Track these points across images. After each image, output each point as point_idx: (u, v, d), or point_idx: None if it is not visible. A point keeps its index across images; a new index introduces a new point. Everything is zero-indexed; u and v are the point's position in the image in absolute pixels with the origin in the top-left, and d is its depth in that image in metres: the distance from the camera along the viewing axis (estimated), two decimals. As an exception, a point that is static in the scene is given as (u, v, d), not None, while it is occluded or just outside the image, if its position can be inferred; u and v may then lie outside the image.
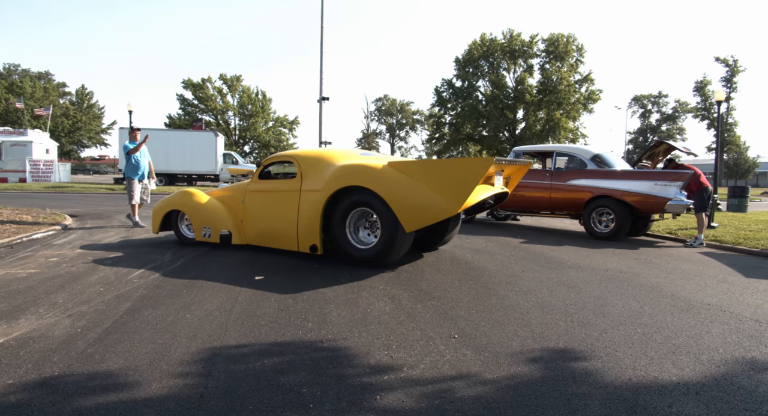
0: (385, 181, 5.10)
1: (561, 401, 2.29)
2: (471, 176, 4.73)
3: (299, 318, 3.52)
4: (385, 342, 3.04)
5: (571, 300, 4.15)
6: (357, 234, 5.52)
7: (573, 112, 41.87)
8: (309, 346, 2.97)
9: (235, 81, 50.14)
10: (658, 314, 3.79)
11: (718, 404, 2.28)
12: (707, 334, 3.32)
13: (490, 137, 43.63)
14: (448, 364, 2.70)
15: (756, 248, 7.30)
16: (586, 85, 42.41)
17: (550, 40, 42.19)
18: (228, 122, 50.00)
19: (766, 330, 3.46)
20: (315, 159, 6.04)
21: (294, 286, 4.47)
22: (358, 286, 4.51)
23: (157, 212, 7.23)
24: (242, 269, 5.23)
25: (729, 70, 47.26)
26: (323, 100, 24.13)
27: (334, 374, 2.56)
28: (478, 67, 43.96)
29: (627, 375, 2.59)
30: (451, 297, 4.17)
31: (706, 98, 50.47)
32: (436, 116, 46.77)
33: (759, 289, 4.76)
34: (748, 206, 15.60)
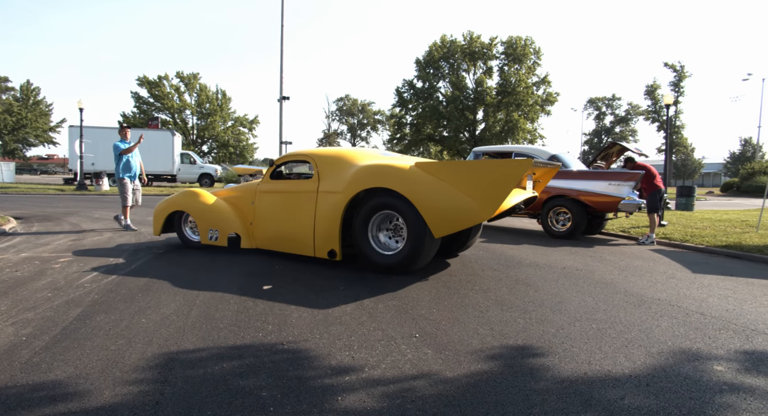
0: (412, 182, 4.77)
1: (520, 397, 2.33)
2: (508, 179, 4.40)
3: (259, 320, 3.46)
4: (347, 343, 3.03)
5: (529, 298, 4.24)
6: (379, 239, 5.20)
7: (531, 113, 42.90)
8: (269, 348, 2.92)
9: (193, 79, 48.90)
10: (612, 309, 3.91)
11: (667, 394, 2.38)
12: (657, 328, 3.45)
13: (451, 137, 44.18)
14: (410, 363, 2.71)
15: (701, 245, 7.65)
16: (543, 87, 43.55)
17: (509, 42, 43.11)
18: (185, 121, 48.74)
19: (710, 322, 3.63)
20: (334, 158, 5.70)
21: (253, 289, 4.39)
22: (320, 287, 4.48)
23: (160, 213, 6.85)
24: (199, 271, 5.11)
25: (677, 75, 49.45)
26: (284, 99, 23.89)
27: (294, 376, 2.53)
28: (439, 68, 44.49)
29: (583, 370, 2.67)
30: (412, 297, 4.20)
31: (656, 102, 52.65)
32: (398, 116, 47.02)
33: (704, 284, 4.99)
34: (694, 205, 16.34)
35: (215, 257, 5.89)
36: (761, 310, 4.03)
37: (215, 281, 4.62)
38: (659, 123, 53.05)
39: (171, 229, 6.94)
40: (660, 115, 52.71)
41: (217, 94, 50.09)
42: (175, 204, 6.73)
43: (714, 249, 7.33)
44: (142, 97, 46.87)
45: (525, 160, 4.43)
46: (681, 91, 49.50)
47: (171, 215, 6.82)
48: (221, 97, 50.24)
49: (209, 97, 49.29)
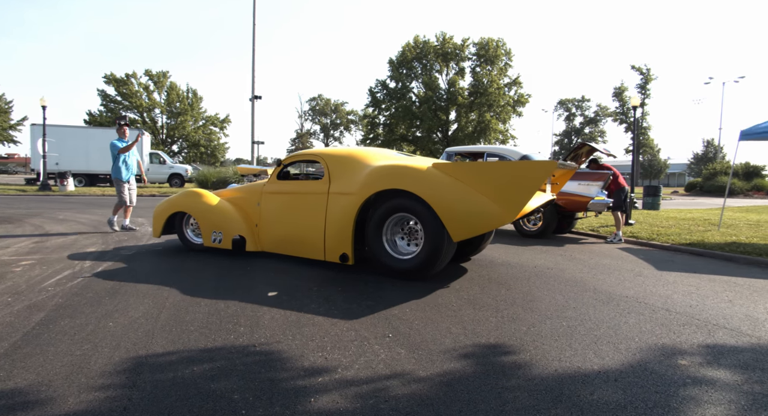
0: (430, 184, 4.56)
1: (492, 395, 2.35)
2: (532, 181, 4.21)
3: (231, 322, 3.41)
4: (320, 344, 3.01)
5: (501, 296, 4.28)
6: (394, 243, 5.00)
7: (503, 114, 43.47)
8: (241, 351, 2.88)
9: (162, 77, 47.89)
10: (582, 307, 3.99)
11: (634, 389, 2.44)
12: (625, 324, 3.54)
13: (424, 137, 44.43)
14: (383, 363, 2.71)
15: (667, 243, 7.87)
16: (515, 88, 44.17)
17: (481, 44, 43.60)
18: (155, 120, 47.72)
19: (674, 318, 3.73)
20: (346, 159, 5.49)
21: (225, 290, 4.33)
22: (292, 288, 4.44)
23: (160, 214, 6.60)
24: (169, 273, 5.00)
25: (643, 78, 50.73)
26: (255, 98, 23.64)
27: (267, 378, 2.50)
28: (412, 68, 44.70)
29: (553, 367, 2.71)
30: (385, 297, 4.20)
31: (624, 103, 53.89)
32: (371, 116, 47.04)
33: (669, 281, 5.13)
34: (660, 204, 16.79)
35: (185, 259, 5.78)
36: (722, 306, 4.16)
37: (186, 283, 4.54)
38: (627, 124, 54.32)
39: (170, 231, 6.70)
40: (627, 116, 53.97)
41: (188, 93, 49.23)
42: (177, 205, 6.48)
43: (678, 247, 7.55)
44: (109, 95, 45.66)
45: (551, 161, 4.27)
46: (647, 94, 50.82)
47: (172, 216, 6.57)
48: (192, 96, 49.39)
49: (179, 95, 48.40)
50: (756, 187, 35.15)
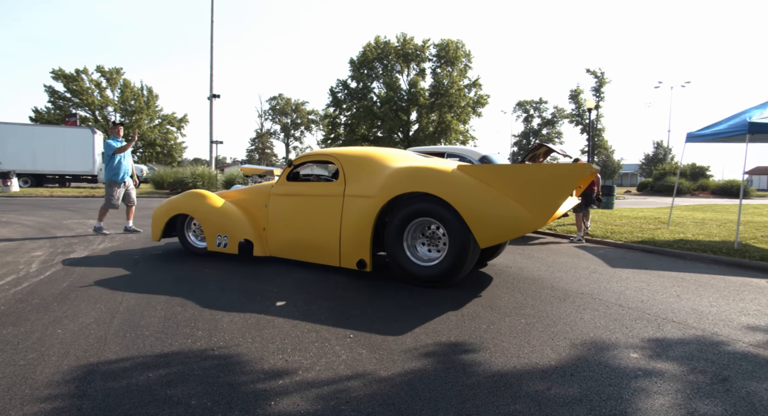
0: (456, 187, 4.34)
1: (453, 392, 2.38)
2: (565, 185, 4.02)
3: (188, 326, 3.33)
4: (280, 346, 2.97)
5: (460, 295, 4.34)
6: (415, 249, 4.74)
7: (463, 115, 44.03)
8: (199, 355, 2.81)
9: (115, 74, 46.20)
10: (540, 304, 4.08)
11: (588, 382, 2.51)
12: (580, 320, 3.64)
13: (385, 138, 44.50)
14: (344, 364, 2.70)
15: (620, 241, 8.16)
16: (474, 89, 44.80)
17: (441, 45, 44.05)
18: (108, 119, 46.03)
19: (627, 313, 3.86)
20: (363, 159, 5.21)
21: (183, 294, 4.22)
22: (251, 290, 4.37)
23: (160, 217, 6.29)
24: (122, 277, 4.84)
25: (598, 81, 52.43)
26: (214, 97, 23.18)
27: (225, 382, 2.45)
28: (373, 68, 44.73)
29: (512, 363, 2.76)
30: (347, 297, 4.18)
31: (580, 105, 55.56)
32: (331, 116, 46.79)
33: (622, 277, 5.31)
34: (614, 203, 17.39)
35: (139, 262, 5.60)
36: (671, 300, 4.34)
37: (140, 287, 4.39)
38: (582, 126, 56.05)
39: (168, 233, 6.43)
40: (583, 118, 55.68)
41: (143, 91, 47.70)
42: (178, 207, 6.17)
43: (631, 245, 7.83)
44: (58, 91, 43.67)
45: (585, 164, 4.09)
46: (602, 97, 52.55)
47: (173, 219, 6.27)
48: (147, 94, 47.87)
49: (134, 93, 46.84)
50: (701, 187, 36.89)
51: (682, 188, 35.06)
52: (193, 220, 6.29)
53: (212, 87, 23.31)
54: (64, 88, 43.64)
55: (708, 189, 36.50)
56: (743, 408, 2.27)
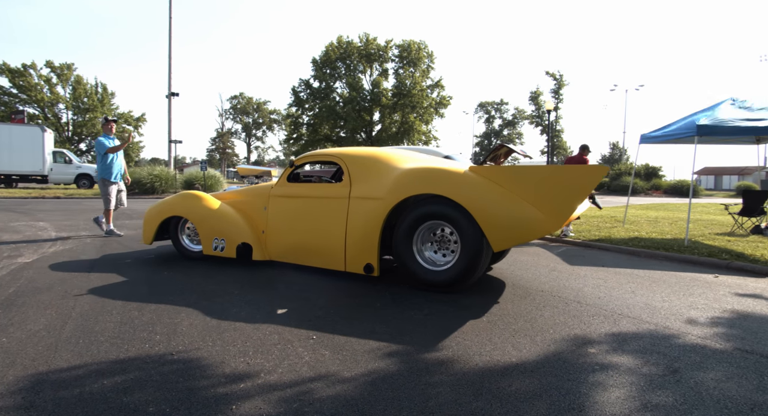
0: (469, 189, 4.19)
1: (416, 391, 2.39)
2: (582, 187, 3.91)
3: (146, 330, 3.23)
4: (241, 349, 2.92)
5: (424, 295, 4.36)
6: (423, 253, 4.57)
7: (426, 115, 44.36)
8: (157, 360, 2.73)
9: (66, 70, 44.36)
10: (501, 302, 4.15)
11: (549, 378, 2.57)
12: (540, 317, 3.72)
13: (348, 138, 44.39)
14: (307, 366, 2.68)
15: (578, 239, 8.38)
16: (437, 90, 45.21)
17: (403, 46, 44.25)
18: (59, 116, 44.17)
19: (585, 309, 3.98)
20: (369, 160, 5.03)
21: (140, 297, 4.09)
22: (212, 292, 4.28)
23: (152, 219, 6.00)
24: (73, 280, 4.65)
25: (556, 83, 53.89)
26: (173, 95, 22.62)
27: (185, 387, 2.39)
28: (336, 68, 44.55)
29: (474, 361, 2.79)
30: (309, 298, 4.15)
31: (539, 107, 56.96)
32: (294, 116, 46.33)
33: (580, 275, 5.46)
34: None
35: (94, 266, 5.40)
36: (626, 296, 4.49)
37: (95, 292, 4.24)
38: (542, 127, 57.42)
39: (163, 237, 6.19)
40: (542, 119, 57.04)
41: (97, 88, 45.99)
42: (172, 209, 5.91)
43: (589, 243, 8.06)
44: (2, 87, 41.53)
45: (603, 166, 3.96)
46: (560, 98, 54.04)
47: (166, 221, 6.01)
48: (102, 91, 46.18)
49: (87, 90, 45.09)
50: (654, 186, 38.36)
51: (636, 187, 36.32)
52: (187, 222, 6.06)
53: (171, 85, 22.75)
54: (10, 83, 41.53)
55: (661, 189, 37.96)
56: (692, 397, 2.37)
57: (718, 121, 7.94)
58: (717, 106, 8.67)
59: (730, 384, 2.55)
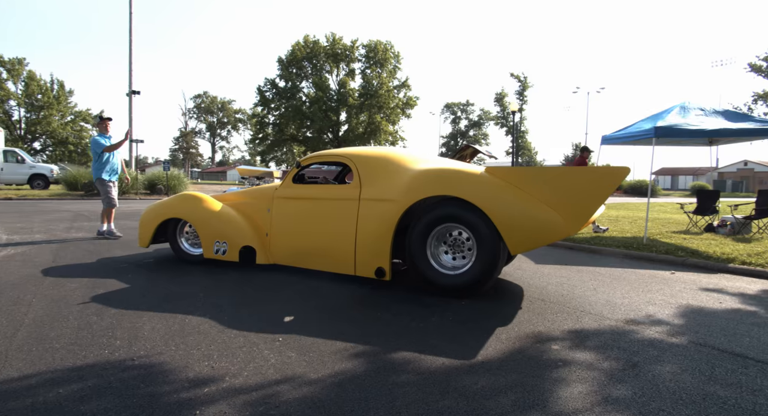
0: (487, 191, 4.07)
1: (383, 391, 2.39)
2: (603, 189, 3.83)
3: (105, 335, 3.13)
4: (206, 352, 2.86)
5: (390, 295, 4.38)
6: (438, 257, 4.44)
7: (393, 116, 44.53)
8: (117, 366, 2.65)
9: (18, 65, 42.59)
10: (467, 301, 4.19)
11: (513, 375, 2.61)
12: (505, 315, 3.78)
13: (314, 138, 44.16)
14: (273, 368, 2.64)
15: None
16: (404, 91, 45.45)
17: (370, 46, 44.32)
18: (9, 114, 42.35)
19: (549, 307, 4.06)
20: (379, 160, 4.88)
21: (98, 300, 3.96)
22: (176, 296, 4.18)
23: (150, 221, 5.78)
24: (26, 285, 4.46)
25: (521, 85, 54.94)
26: (133, 93, 22.01)
27: (146, 393, 2.33)
28: (302, 68, 44.26)
29: (441, 360, 2.81)
30: (276, 300, 4.11)
31: (504, 108, 57.94)
32: (259, 115, 45.80)
33: (545, 273, 5.57)
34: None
35: (50, 269, 5.20)
36: (588, 293, 4.61)
37: (50, 297, 4.08)
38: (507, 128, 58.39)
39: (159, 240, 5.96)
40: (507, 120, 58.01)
41: (53, 85, 44.34)
42: (170, 211, 5.69)
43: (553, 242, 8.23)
44: (-54, 81, 39.67)
45: (624, 167, 3.84)
46: (525, 100, 55.11)
47: (164, 223, 5.79)
48: (58, 88, 44.57)
49: (42, 87, 43.41)
50: (615, 186, 39.41)
51: (597, 187, 37.21)
52: (186, 225, 5.86)
53: (131, 83, 22.13)
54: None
55: (621, 188, 39.12)
56: (650, 390, 2.44)
57: (674, 123, 8.24)
58: (673, 109, 9.00)
59: (685, 375, 2.65)
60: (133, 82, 22.14)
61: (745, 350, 3.10)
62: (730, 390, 2.47)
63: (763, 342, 3.27)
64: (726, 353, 3.03)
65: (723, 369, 2.77)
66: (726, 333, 3.45)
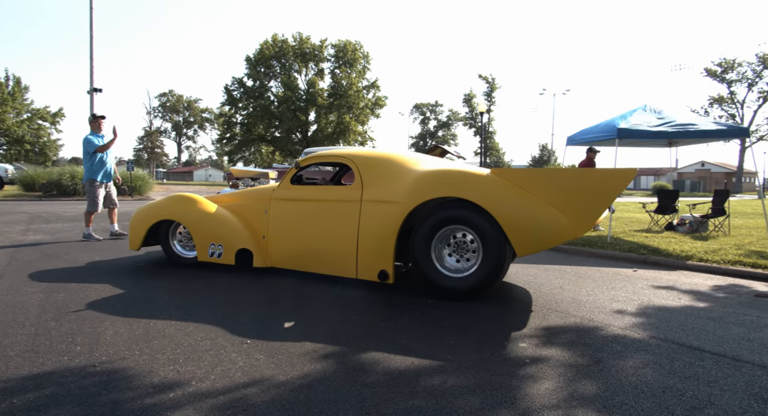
0: (493, 192, 4.02)
1: (352, 392, 2.38)
2: (610, 191, 3.83)
3: (64, 341, 3.02)
4: (171, 357, 2.80)
5: (361, 296, 4.37)
6: (443, 259, 4.35)
7: (362, 116, 44.49)
8: (77, 373, 2.56)
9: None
10: (435, 301, 4.22)
11: (481, 373, 2.63)
12: (473, 315, 3.82)
13: (283, 138, 43.75)
14: (241, 371, 2.60)
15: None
16: (373, 91, 45.47)
17: (339, 46, 44.17)
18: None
19: (516, 305, 4.13)
20: (382, 161, 4.79)
21: (59, 305, 3.82)
22: (140, 299, 4.08)
23: (141, 223, 5.58)
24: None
25: (489, 86, 55.71)
26: (95, 91, 21.35)
27: (108, 400, 2.25)
28: (270, 67, 43.79)
29: (410, 360, 2.82)
30: (243, 302, 4.05)
31: (473, 109, 58.68)
32: (227, 115, 45.08)
33: (511, 272, 5.65)
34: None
35: (3, 272, 4.99)
36: (554, 292, 4.70)
37: (2, 302, 3.91)
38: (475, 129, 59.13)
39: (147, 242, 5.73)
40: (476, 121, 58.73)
41: (7, 81, 42.54)
42: (163, 212, 5.51)
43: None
44: None
45: (632, 169, 3.84)
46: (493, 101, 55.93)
47: (156, 225, 5.60)
48: (13, 84, 42.74)
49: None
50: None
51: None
52: (179, 227, 5.68)
53: (93, 80, 21.44)
54: None
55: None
56: (613, 384, 2.51)
57: (636, 125, 8.50)
58: (634, 111, 9.27)
59: (647, 370, 2.72)
60: (94, 79, 21.47)
61: (702, 343, 3.21)
62: (688, 383, 2.56)
63: (719, 335, 3.40)
64: (684, 347, 3.14)
65: (682, 362, 2.86)
66: (684, 327, 3.57)
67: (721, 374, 2.70)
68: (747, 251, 6.83)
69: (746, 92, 50.15)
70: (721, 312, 4.05)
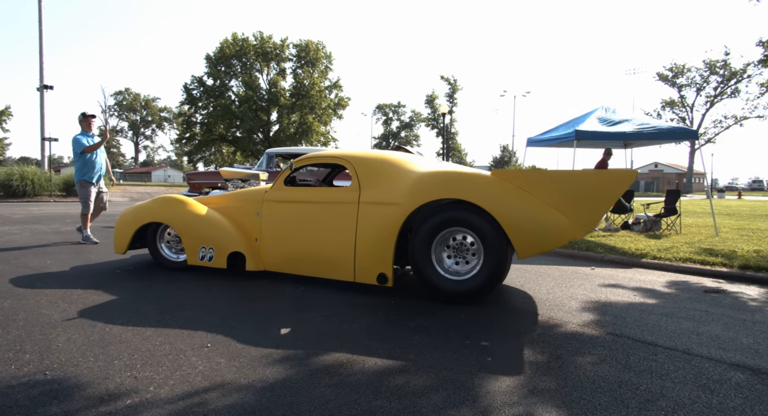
0: (495, 194, 3.97)
1: (315, 394, 2.36)
2: (611, 192, 3.83)
3: (12, 349, 2.89)
4: (128, 362, 2.71)
5: (326, 296, 4.35)
6: (443, 262, 4.27)
7: (324, 116, 44.24)
8: (25, 383, 2.45)
9: None
10: (396, 301, 4.24)
11: (444, 372, 2.66)
12: (435, 315, 3.85)
13: (244, 138, 43.04)
14: (201, 375, 2.55)
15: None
16: (335, 91, 45.27)
17: (300, 45, 43.78)
18: None
19: (478, 305, 4.18)
20: (379, 162, 4.69)
21: (5, 311, 3.65)
22: (95, 303, 3.93)
23: (127, 226, 5.39)
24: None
25: (451, 88, 56.41)
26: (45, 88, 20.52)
27: (60, 411, 2.16)
28: (231, 66, 42.99)
29: (373, 361, 2.82)
30: (204, 305, 3.96)
31: (435, 110, 59.29)
32: (186, 114, 44.05)
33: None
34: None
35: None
36: (515, 290, 4.79)
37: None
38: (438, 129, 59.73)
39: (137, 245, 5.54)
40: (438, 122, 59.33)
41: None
42: (150, 214, 5.30)
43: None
44: None
45: (631, 170, 3.88)
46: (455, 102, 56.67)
47: (143, 228, 5.40)
48: (-42, 81, 40.67)
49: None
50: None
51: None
52: (167, 229, 5.48)
53: (43, 76, 20.60)
54: None
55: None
56: (572, 380, 2.57)
57: (593, 127, 8.76)
58: (592, 113, 9.56)
59: (603, 365, 2.81)
60: (44, 76, 20.63)
61: (655, 338, 3.34)
62: (642, 376, 2.65)
63: (671, 330, 3.54)
64: (639, 342, 3.25)
65: (636, 357, 2.96)
66: (639, 323, 3.70)
67: (672, 367, 2.81)
68: (697, 249, 7.13)
69: (695, 97, 52.48)
70: (673, 308, 4.21)
